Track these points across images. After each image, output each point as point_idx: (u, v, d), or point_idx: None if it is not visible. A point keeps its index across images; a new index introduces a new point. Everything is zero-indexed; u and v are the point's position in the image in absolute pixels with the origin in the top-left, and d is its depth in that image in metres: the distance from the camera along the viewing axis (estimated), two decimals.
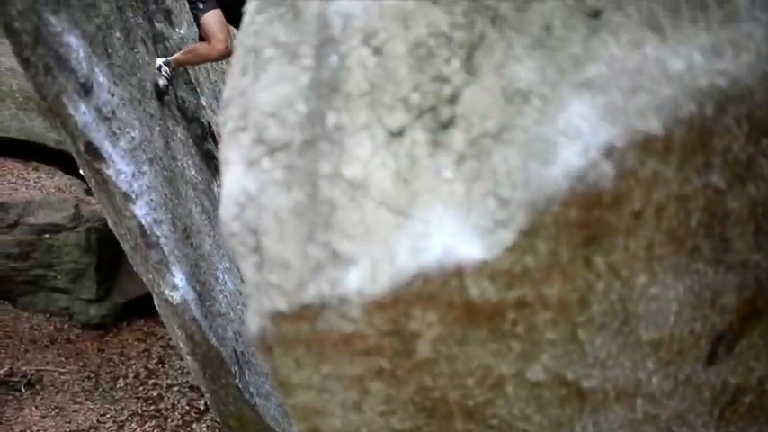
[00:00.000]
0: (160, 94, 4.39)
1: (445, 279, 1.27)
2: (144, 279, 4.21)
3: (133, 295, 9.43)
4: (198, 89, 5.03)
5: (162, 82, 4.38)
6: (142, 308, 9.36)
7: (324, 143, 1.38)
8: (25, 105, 11.76)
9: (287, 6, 1.48)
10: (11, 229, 9.15)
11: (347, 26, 1.41)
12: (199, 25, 4.52)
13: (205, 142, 5.10)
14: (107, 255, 9.45)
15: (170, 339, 8.76)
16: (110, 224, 4.12)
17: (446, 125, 1.33)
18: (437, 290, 1.28)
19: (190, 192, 4.57)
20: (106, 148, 3.46)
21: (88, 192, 10.67)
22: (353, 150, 1.36)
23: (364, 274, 1.29)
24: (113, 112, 3.61)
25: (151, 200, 3.81)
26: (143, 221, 3.68)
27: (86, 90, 3.37)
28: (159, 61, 4.45)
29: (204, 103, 5.09)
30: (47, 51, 3.13)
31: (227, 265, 4.95)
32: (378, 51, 1.38)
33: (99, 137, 3.42)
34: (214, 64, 5.75)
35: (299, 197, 1.36)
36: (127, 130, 3.73)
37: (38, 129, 11.43)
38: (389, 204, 1.32)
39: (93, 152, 3.44)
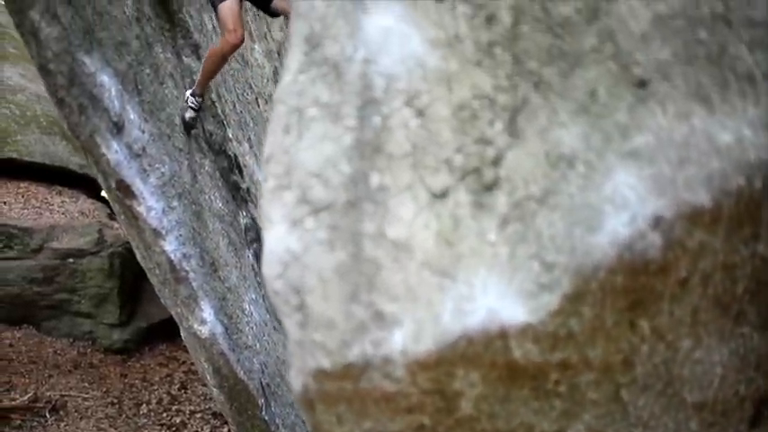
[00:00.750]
0: (188, 126, 4.39)
1: (489, 341, 1.28)
2: (172, 312, 4.23)
3: (155, 319, 9.47)
4: (225, 122, 5.07)
5: (188, 115, 4.37)
6: (164, 332, 9.40)
7: (367, 203, 1.39)
8: (49, 130, 11.89)
9: (329, 67, 1.50)
10: (35, 253, 9.23)
11: (390, 88, 1.42)
12: (217, 17, 4.41)
13: (231, 174, 5.13)
14: (130, 279, 9.50)
15: (192, 364, 8.78)
16: (138, 257, 4.15)
17: (489, 187, 1.34)
18: (481, 351, 1.29)
19: (217, 224, 4.60)
20: (137, 185, 3.50)
21: (111, 216, 10.75)
22: (397, 211, 1.37)
23: (408, 335, 1.29)
24: (144, 149, 3.65)
25: (180, 235, 3.83)
26: (172, 257, 3.71)
27: (119, 128, 3.41)
28: (187, 93, 4.45)
29: (231, 135, 5.13)
30: (81, 92, 3.18)
31: (253, 297, 4.97)
32: (421, 113, 1.40)
33: (130, 174, 3.45)
34: (239, 94, 5.79)
35: (342, 257, 1.37)
36: (157, 165, 3.77)
37: (61, 153, 11.54)
38: (433, 265, 1.32)
39: (125, 189, 3.48)
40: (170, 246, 3.68)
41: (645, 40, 1.20)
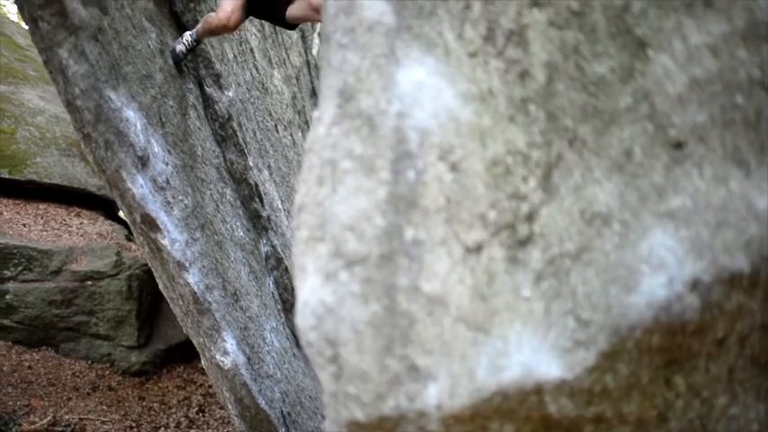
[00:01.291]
0: (177, 60, 4.30)
1: (524, 396, 1.28)
2: (194, 342, 4.25)
3: (173, 342, 9.51)
4: (245, 150, 5.09)
5: (179, 48, 4.30)
6: (182, 354, 9.43)
7: (402, 257, 1.40)
8: (68, 152, 11.99)
9: (363, 120, 1.51)
10: (54, 275, 9.29)
11: (424, 142, 1.44)
12: None
13: (252, 202, 5.16)
14: (147, 301, 9.55)
15: (210, 387, 8.80)
16: (160, 287, 4.17)
17: (524, 243, 1.35)
18: (515, 405, 1.29)
19: (238, 253, 4.62)
20: (162, 218, 3.52)
21: (129, 237, 10.83)
22: (431, 265, 1.38)
23: (443, 389, 1.30)
24: (168, 181, 3.68)
25: (203, 266, 3.86)
26: (195, 289, 3.73)
27: (143, 162, 3.44)
28: (187, 33, 4.39)
29: (251, 164, 5.16)
30: (107, 127, 3.21)
31: (274, 324, 4.99)
32: (455, 168, 1.41)
33: (155, 208, 3.48)
34: (260, 121, 5.82)
35: (376, 310, 1.38)
36: (180, 197, 3.79)
37: (80, 175, 11.63)
38: (468, 320, 1.33)
39: (150, 223, 3.51)
40: (193, 278, 3.70)
41: (681, 103, 1.21)
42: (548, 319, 1.29)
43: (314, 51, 8.34)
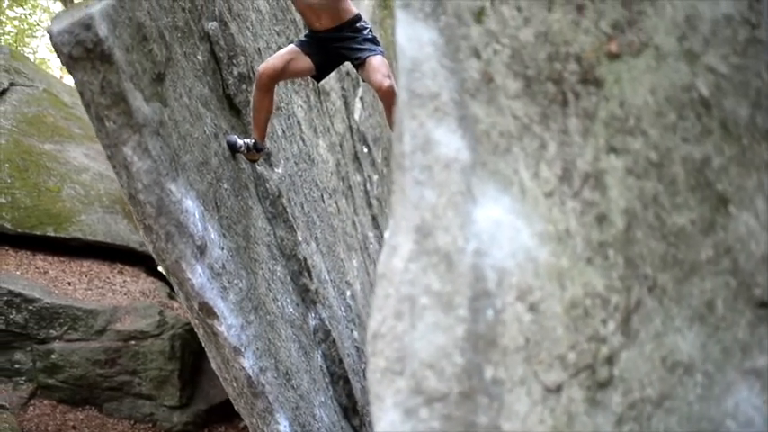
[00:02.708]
0: (233, 149, 4.42)
1: None
2: (246, 422, 4.27)
3: (215, 401, 9.53)
4: (294, 225, 5.16)
5: (240, 143, 4.43)
6: (223, 414, 9.44)
7: (481, 396, 1.42)
8: (111, 209, 12.18)
9: (440, 257, 1.54)
10: (99, 335, 9.39)
11: (502, 281, 1.47)
12: None
13: (301, 276, 5.21)
14: (190, 361, 9.61)
15: None
16: (213, 366, 4.21)
17: (604, 385, 1.37)
18: None
19: (289, 330, 4.65)
20: (218, 305, 3.57)
21: (171, 295, 10.93)
22: (511, 405, 1.40)
23: None
24: (223, 266, 3.74)
25: (257, 348, 3.90)
26: (250, 372, 3.76)
27: (201, 251, 3.50)
28: (249, 141, 4.51)
29: (300, 238, 5.22)
30: (168, 220, 3.28)
31: (323, 399, 5.00)
32: (533, 308, 1.43)
33: (212, 296, 3.53)
34: (306, 193, 5.89)
35: None
36: (235, 281, 3.85)
37: (123, 232, 11.80)
38: None
39: (207, 310, 3.56)
40: (248, 362, 3.74)
41: (766, 263, 1.23)
42: None
43: (356, 116, 8.46)
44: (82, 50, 2.89)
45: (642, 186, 1.35)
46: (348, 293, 6.49)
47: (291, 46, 4.55)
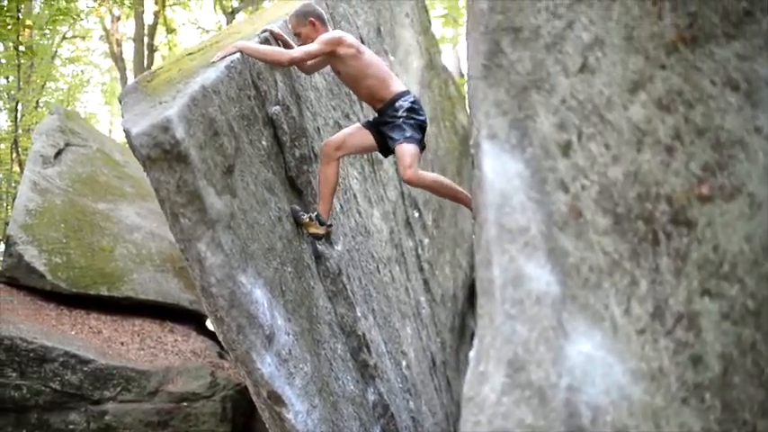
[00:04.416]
0: (299, 221, 4.73)
1: None
2: None
3: None
4: (353, 301, 5.20)
5: (305, 215, 4.66)
6: None
7: None
8: (162, 267, 12.34)
9: (533, 391, 1.57)
10: (151, 396, 9.45)
11: (597, 419, 1.48)
12: None
13: (360, 352, 5.23)
14: (241, 422, 9.62)
15: None
16: None
17: None
18: None
19: (350, 408, 4.67)
20: (286, 392, 3.61)
21: (221, 355, 10.99)
22: None
23: None
24: (290, 352, 3.78)
25: (322, 431, 3.92)
26: None
27: (270, 340, 3.56)
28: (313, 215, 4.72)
29: (359, 314, 5.26)
30: (240, 312, 3.34)
31: None
32: None
33: (281, 383, 3.58)
34: (363, 266, 5.94)
35: None
36: (300, 366, 3.89)
37: (173, 290, 11.93)
38: None
39: (276, 398, 3.60)
40: None
41: None
42: None
43: None
44: (160, 152, 2.99)
45: (739, 333, 1.36)
46: (404, 363, 6.50)
47: (357, 123, 4.79)
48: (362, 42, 7.20)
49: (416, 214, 8.71)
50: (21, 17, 13.86)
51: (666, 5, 1.67)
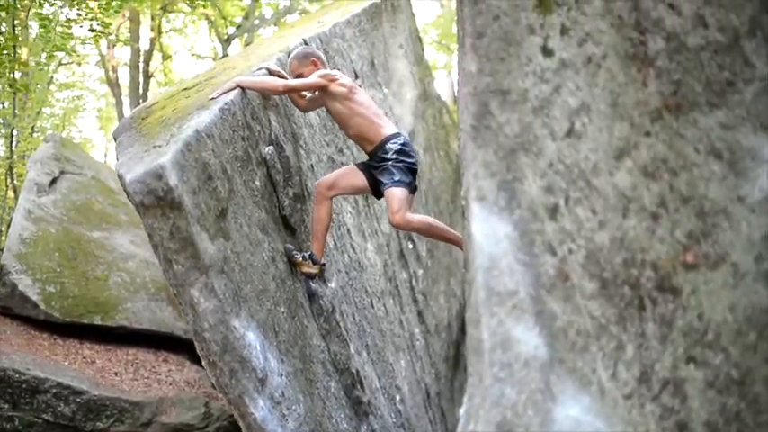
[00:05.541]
0: (292, 260, 4.71)
1: None
2: None
3: None
4: (347, 338, 5.21)
5: (298, 255, 4.69)
6: None
7: None
8: (156, 296, 12.31)
9: None
10: (145, 427, 9.41)
11: None
12: None
13: (354, 389, 5.23)
14: None
15: None
16: None
17: None
18: None
19: None
20: None
21: (215, 385, 10.95)
22: None
23: None
24: (283, 394, 3.79)
25: None
26: None
27: (263, 383, 3.57)
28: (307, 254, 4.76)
29: (353, 351, 5.26)
30: (233, 357, 3.36)
31: None
32: None
33: (273, 426, 3.58)
34: (357, 302, 5.95)
35: None
36: (293, 407, 3.90)
37: (167, 319, 11.90)
38: None
39: None
40: None
41: None
42: None
43: None
44: (153, 199, 3.02)
45: (724, 402, 1.38)
46: (398, 398, 6.49)
47: (351, 165, 4.86)
48: (356, 77, 7.25)
49: (410, 246, 8.73)
50: (17, 55, 13.89)
51: (651, 73, 1.70)
